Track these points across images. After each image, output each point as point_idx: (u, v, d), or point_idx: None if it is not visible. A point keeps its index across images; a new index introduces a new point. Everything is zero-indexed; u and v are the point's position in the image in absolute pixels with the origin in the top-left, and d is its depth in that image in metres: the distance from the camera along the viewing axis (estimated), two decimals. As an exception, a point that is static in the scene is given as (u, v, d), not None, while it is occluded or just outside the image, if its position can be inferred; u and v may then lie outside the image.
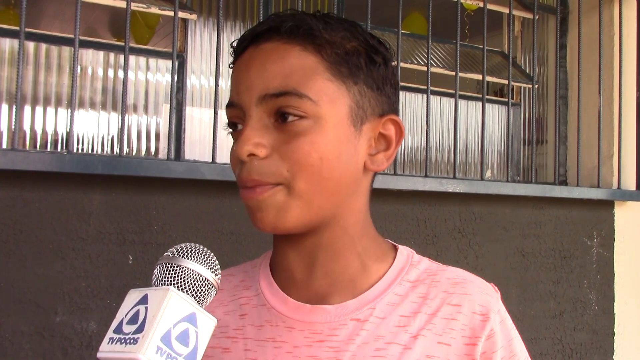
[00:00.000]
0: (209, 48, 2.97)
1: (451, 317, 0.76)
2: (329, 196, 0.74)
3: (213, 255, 0.66)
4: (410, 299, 0.78)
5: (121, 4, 2.11)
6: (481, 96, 2.63)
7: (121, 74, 2.40)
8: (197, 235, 1.96)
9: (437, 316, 0.76)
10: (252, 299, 0.81)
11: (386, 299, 0.77)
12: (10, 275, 1.71)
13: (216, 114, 2.02)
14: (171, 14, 2.13)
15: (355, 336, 0.75)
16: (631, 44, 3.02)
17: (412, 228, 2.40)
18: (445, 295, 0.78)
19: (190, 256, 0.64)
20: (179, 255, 0.64)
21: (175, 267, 0.63)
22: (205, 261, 0.65)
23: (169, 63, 2.59)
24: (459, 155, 2.60)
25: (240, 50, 0.77)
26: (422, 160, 3.08)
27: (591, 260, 2.85)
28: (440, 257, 2.42)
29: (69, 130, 1.83)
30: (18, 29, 1.78)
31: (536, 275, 2.69)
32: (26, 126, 2.44)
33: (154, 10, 2.30)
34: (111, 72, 2.54)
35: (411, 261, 0.82)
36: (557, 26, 3.07)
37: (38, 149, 2.49)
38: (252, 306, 0.80)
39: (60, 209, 1.78)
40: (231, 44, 0.80)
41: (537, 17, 2.85)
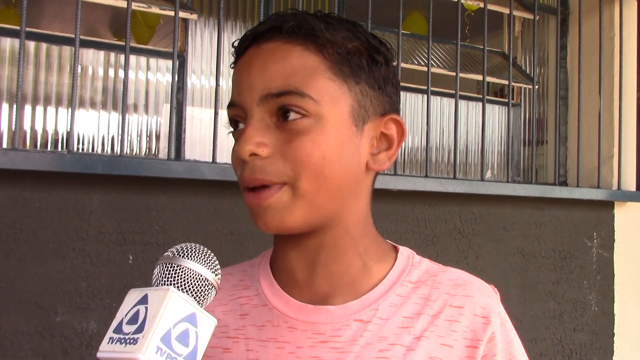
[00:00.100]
0: (209, 48, 2.97)
1: (453, 319, 0.77)
2: (331, 195, 0.74)
3: (213, 256, 0.66)
4: (413, 300, 0.78)
5: (122, 4, 2.11)
6: (481, 96, 2.63)
7: (122, 73, 2.40)
8: (197, 235, 1.96)
9: (440, 318, 0.76)
10: (252, 298, 0.81)
11: (389, 299, 0.77)
12: (11, 275, 1.72)
13: (216, 114, 2.02)
14: (172, 13, 2.13)
15: (359, 337, 0.75)
16: (631, 44, 3.02)
17: (413, 228, 2.40)
18: (447, 297, 0.78)
19: (190, 256, 0.64)
20: (179, 255, 0.64)
21: (176, 267, 0.63)
22: (205, 261, 0.65)
23: (170, 63, 2.59)
24: (459, 155, 2.60)
25: (242, 50, 0.77)
26: (422, 161, 3.08)
27: (591, 260, 2.85)
28: (441, 258, 2.42)
29: (69, 130, 1.83)
30: (19, 28, 1.78)
31: (536, 275, 2.69)
32: (26, 126, 2.44)
33: (155, 10, 2.30)
34: (112, 72, 2.54)
35: (412, 262, 0.82)
36: (557, 27, 3.07)
37: (38, 148, 2.48)
38: (252, 306, 0.80)
39: (61, 208, 1.78)
40: (232, 44, 0.80)
41: (537, 18, 2.85)
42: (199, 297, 0.63)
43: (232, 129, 0.78)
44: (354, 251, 0.78)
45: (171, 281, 0.62)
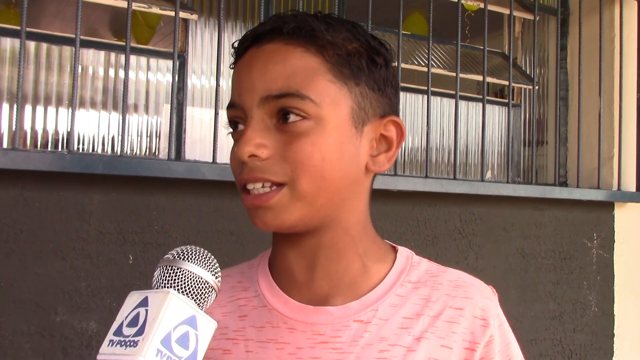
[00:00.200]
0: (209, 48, 2.97)
1: (453, 320, 0.77)
2: (331, 197, 0.74)
3: (213, 258, 0.66)
4: (413, 300, 0.78)
5: (122, 4, 2.11)
6: (482, 97, 2.63)
7: (122, 73, 2.40)
8: (198, 235, 1.96)
9: (440, 319, 0.77)
10: (251, 300, 0.81)
11: (388, 300, 0.77)
12: (11, 274, 1.72)
13: (217, 114, 2.02)
14: (172, 14, 2.13)
15: (359, 338, 0.75)
16: (632, 45, 3.02)
17: (412, 229, 2.40)
18: (447, 298, 0.78)
19: (190, 259, 0.64)
20: (180, 258, 0.64)
21: (176, 269, 0.63)
22: (205, 264, 0.65)
23: (170, 63, 2.59)
24: (459, 156, 2.60)
25: (242, 50, 0.77)
26: (422, 161, 3.07)
27: (591, 261, 2.86)
28: (440, 258, 2.42)
29: (69, 130, 1.83)
30: (19, 28, 1.78)
31: (536, 276, 2.69)
32: (27, 126, 2.44)
33: (155, 10, 2.30)
34: (112, 72, 2.54)
35: (411, 262, 0.82)
36: (557, 27, 3.07)
37: (39, 148, 2.49)
38: (251, 307, 0.80)
39: (61, 208, 1.78)
40: (232, 44, 0.79)
41: (537, 18, 2.85)
42: (199, 300, 0.63)
43: (231, 130, 0.78)
44: (353, 252, 0.78)
45: (171, 284, 0.63)
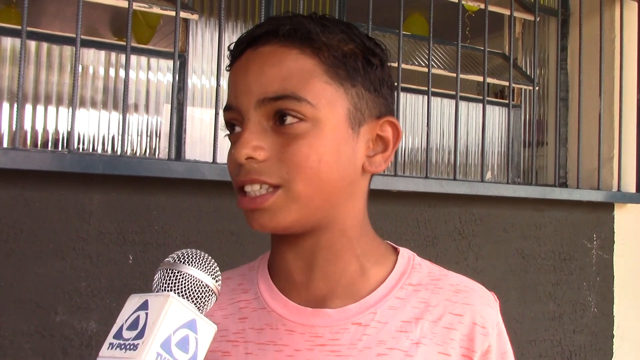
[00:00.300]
0: (210, 48, 2.97)
1: (452, 326, 0.77)
2: (328, 198, 0.74)
3: (214, 262, 0.66)
4: (412, 303, 0.78)
5: (123, 4, 2.11)
6: (482, 98, 2.63)
7: (122, 73, 2.40)
8: (198, 235, 1.96)
9: (439, 325, 0.77)
10: (251, 302, 0.81)
11: (388, 303, 0.77)
12: (11, 274, 1.72)
13: (217, 114, 2.02)
14: (173, 13, 2.13)
15: (357, 341, 0.75)
16: (632, 46, 3.02)
17: (412, 229, 2.40)
18: (447, 303, 0.78)
19: (191, 262, 0.64)
20: (180, 262, 0.64)
21: (176, 273, 0.63)
22: (206, 267, 0.65)
23: (170, 63, 2.59)
24: (459, 156, 2.60)
25: (238, 53, 0.77)
26: (422, 162, 3.07)
27: (591, 262, 2.86)
28: (440, 259, 2.43)
29: (70, 130, 1.83)
30: (20, 28, 1.78)
31: (536, 277, 2.69)
32: (27, 125, 2.43)
33: (156, 10, 2.30)
34: (112, 72, 2.54)
35: (413, 264, 0.82)
36: (558, 28, 3.07)
37: (39, 148, 2.48)
38: (251, 309, 0.80)
39: (61, 208, 1.78)
40: (228, 47, 0.80)
41: (538, 19, 2.85)
42: (199, 304, 0.63)
43: (228, 132, 0.78)
44: (350, 253, 0.78)
45: (172, 287, 0.63)
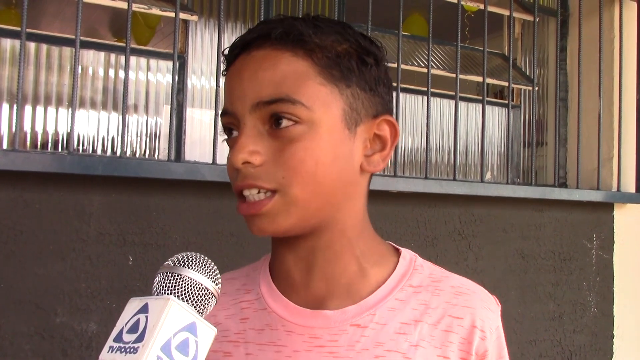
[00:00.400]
0: (209, 49, 2.97)
1: (451, 329, 0.77)
2: (326, 199, 0.74)
3: (214, 265, 0.66)
4: (412, 305, 0.78)
5: (122, 5, 2.11)
6: (481, 98, 2.63)
7: (122, 74, 2.40)
8: (197, 236, 1.96)
9: (438, 328, 0.76)
10: (253, 302, 0.81)
11: (387, 304, 0.77)
12: (11, 275, 1.72)
13: (217, 115, 2.02)
14: (172, 15, 2.13)
15: (356, 342, 0.75)
16: (631, 46, 3.02)
17: (412, 230, 2.40)
18: (447, 305, 0.78)
19: (191, 265, 0.64)
20: (180, 265, 0.64)
21: (176, 276, 0.63)
22: (205, 270, 0.65)
23: (170, 64, 2.59)
24: (459, 157, 2.60)
25: (232, 58, 0.78)
26: (422, 162, 3.07)
27: (591, 262, 2.86)
28: (440, 259, 2.43)
29: (69, 131, 1.83)
30: (19, 29, 1.78)
31: (536, 277, 2.69)
32: (27, 126, 2.43)
33: (155, 11, 2.30)
34: (112, 73, 2.54)
35: (414, 265, 0.82)
36: (557, 28, 3.07)
37: (38, 149, 2.48)
38: (253, 310, 0.80)
39: (61, 209, 1.79)
40: (222, 52, 0.80)
41: (537, 20, 2.85)
42: (199, 307, 0.63)
43: (226, 137, 0.78)
44: (350, 253, 0.78)
45: (172, 290, 0.63)
